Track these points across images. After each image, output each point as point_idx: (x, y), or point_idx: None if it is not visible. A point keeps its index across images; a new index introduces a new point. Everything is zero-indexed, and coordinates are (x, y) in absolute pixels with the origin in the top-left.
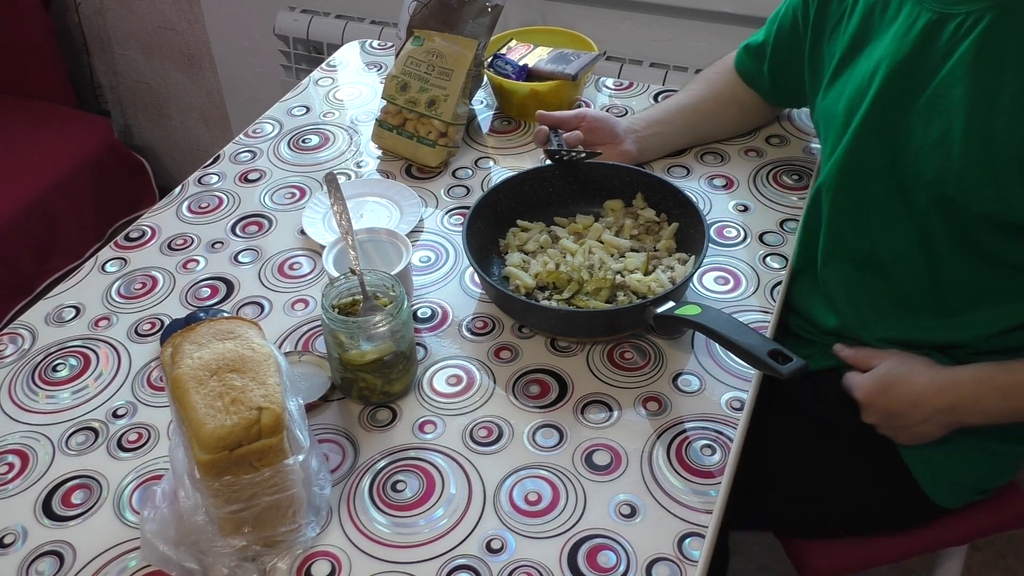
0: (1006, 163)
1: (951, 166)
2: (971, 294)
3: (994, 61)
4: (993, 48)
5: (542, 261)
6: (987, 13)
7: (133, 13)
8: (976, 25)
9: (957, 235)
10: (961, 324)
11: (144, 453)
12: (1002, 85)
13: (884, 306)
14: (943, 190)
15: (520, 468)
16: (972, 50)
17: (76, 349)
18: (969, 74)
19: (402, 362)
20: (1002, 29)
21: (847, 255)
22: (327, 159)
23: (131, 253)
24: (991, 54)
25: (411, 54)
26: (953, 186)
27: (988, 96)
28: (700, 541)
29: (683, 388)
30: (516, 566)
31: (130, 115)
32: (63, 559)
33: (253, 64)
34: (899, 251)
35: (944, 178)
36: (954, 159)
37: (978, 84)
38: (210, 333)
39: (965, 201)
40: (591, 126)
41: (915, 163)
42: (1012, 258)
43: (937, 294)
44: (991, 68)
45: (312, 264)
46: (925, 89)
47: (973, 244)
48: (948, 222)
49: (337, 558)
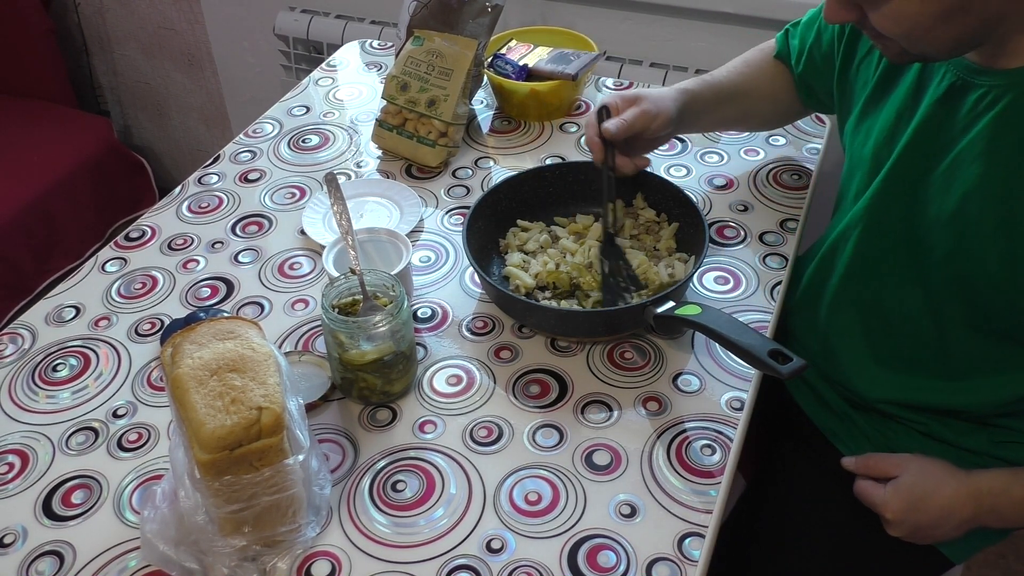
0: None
1: (965, 245)
2: (978, 363)
3: (1014, 144)
4: (1012, 130)
5: (542, 261)
6: (1008, 92)
7: (133, 13)
8: (997, 102)
9: (970, 312)
10: (966, 389)
11: (144, 453)
12: (1022, 170)
13: (888, 362)
14: (956, 268)
15: (520, 468)
16: (991, 128)
17: (76, 349)
18: (987, 153)
19: (402, 362)
20: (1021, 111)
21: (857, 307)
22: (327, 159)
23: (131, 253)
24: (1010, 136)
25: (411, 54)
26: (965, 265)
27: (1006, 180)
28: (700, 541)
29: (683, 388)
30: (516, 566)
31: (130, 115)
32: (63, 559)
33: (253, 64)
34: (908, 314)
35: (957, 256)
36: (969, 239)
37: (996, 165)
38: (210, 333)
39: (977, 281)
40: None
41: (930, 234)
42: (1021, 335)
43: (943, 359)
44: (1010, 150)
45: (312, 264)
46: (945, 158)
47: (984, 319)
48: (961, 299)
49: (337, 558)
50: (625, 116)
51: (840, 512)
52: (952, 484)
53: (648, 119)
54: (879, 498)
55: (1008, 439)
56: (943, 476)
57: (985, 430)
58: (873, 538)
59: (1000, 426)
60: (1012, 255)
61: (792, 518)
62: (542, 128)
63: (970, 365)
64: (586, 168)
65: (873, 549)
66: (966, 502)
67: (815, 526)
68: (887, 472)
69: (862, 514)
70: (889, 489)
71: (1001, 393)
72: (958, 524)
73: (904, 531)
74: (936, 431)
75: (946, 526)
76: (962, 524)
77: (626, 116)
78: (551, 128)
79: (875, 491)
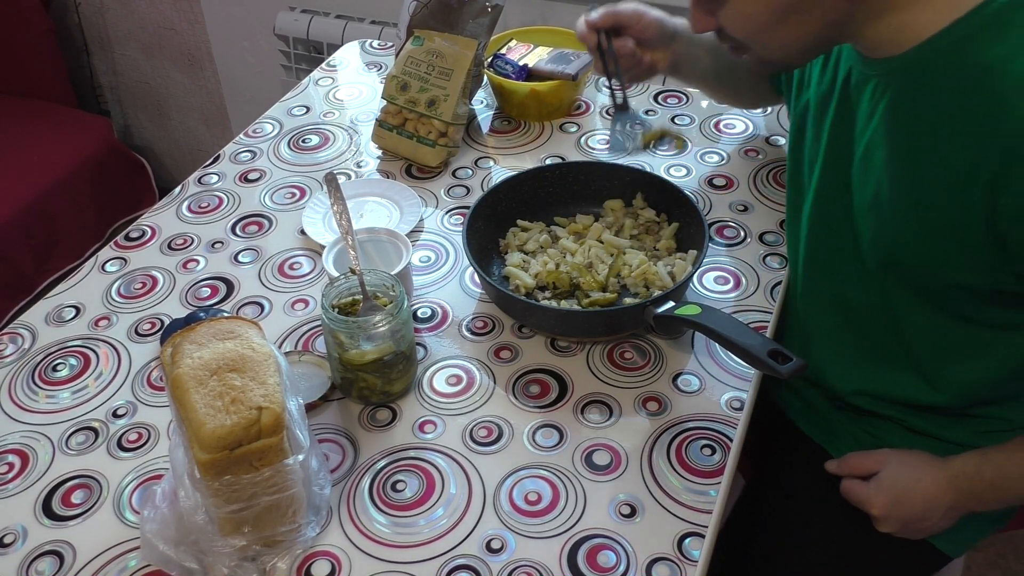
0: (936, 229)
1: (885, 228)
2: (939, 350)
3: (908, 127)
4: (904, 114)
5: (542, 261)
6: (893, 80)
7: (133, 13)
8: (887, 91)
9: (908, 291)
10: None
11: (144, 453)
12: (920, 151)
13: (859, 358)
14: (883, 250)
15: (520, 468)
16: (886, 117)
17: (76, 349)
18: (888, 139)
19: (402, 362)
20: (911, 93)
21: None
22: (327, 159)
23: (131, 253)
24: (905, 121)
25: (411, 54)
26: (890, 247)
27: (908, 162)
28: (700, 541)
29: (683, 388)
30: (516, 566)
31: (130, 115)
32: (63, 559)
33: (253, 64)
34: (869, 304)
35: (881, 238)
36: (885, 221)
37: (898, 149)
38: (210, 333)
39: (903, 261)
40: (643, 34)
41: (860, 222)
42: (969, 312)
43: (906, 348)
44: (907, 133)
45: (312, 264)
46: (859, 148)
47: (926, 299)
48: (897, 279)
49: (337, 558)
50: (616, 7)
51: (837, 512)
52: (931, 473)
53: (636, 16)
54: (864, 496)
55: (991, 428)
56: (922, 466)
57: (966, 422)
58: (870, 537)
59: (981, 416)
60: (923, 233)
61: (790, 519)
62: (542, 128)
63: (932, 353)
64: (586, 168)
65: (871, 548)
66: (946, 489)
67: (813, 527)
68: (868, 469)
69: (858, 514)
70: (871, 486)
71: (968, 380)
72: (944, 512)
73: (893, 526)
74: (919, 426)
75: (933, 516)
76: (948, 512)
77: (616, 7)
78: (551, 128)
79: (859, 489)
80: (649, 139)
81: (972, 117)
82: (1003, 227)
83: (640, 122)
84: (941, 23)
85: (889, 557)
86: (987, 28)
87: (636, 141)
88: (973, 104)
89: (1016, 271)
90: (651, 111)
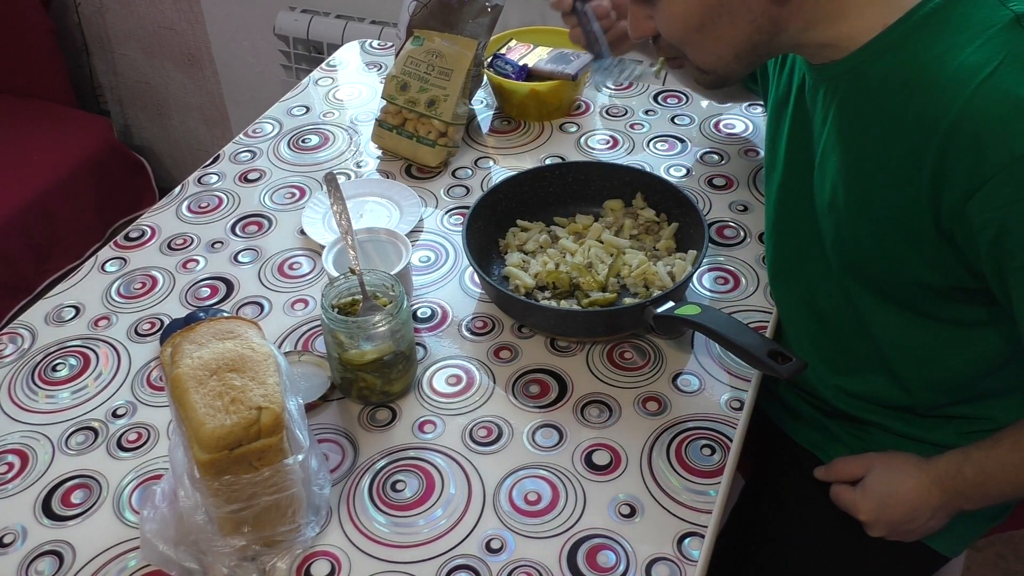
0: (889, 229)
1: (842, 229)
2: (908, 348)
3: (854, 130)
4: (851, 117)
5: (542, 261)
6: (840, 83)
7: (133, 13)
8: (836, 94)
9: (871, 291)
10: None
11: (144, 453)
12: (867, 153)
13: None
14: (842, 251)
15: (520, 468)
16: (837, 120)
17: (76, 349)
18: (839, 143)
19: (402, 362)
20: (856, 97)
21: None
22: (327, 159)
23: (131, 253)
24: (852, 122)
25: (411, 54)
26: (848, 248)
27: (858, 164)
28: (700, 541)
29: (683, 388)
30: (515, 566)
31: (130, 115)
32: (63, 559)
33: (253, 64)
34: (835, 306)
35: (840, 240)
36: (843, 223)
37: (849, 152)
38: (210, 333)
39: (861, 261)
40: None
41: (821, 225)
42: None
43: (875, 348)
44: (855, 136)
45: (312, 264)
46: (816, 153)
47: (888, 298)
48: (858, 280)
49: (337, 558)
50: None
51: (832, 516)
52: (915, 474)
53: None
54: (850, 501)
55: (974, 428)
56: (907, 468)
57: (950, 423)
58: (866, 540)
59: (961, 416)
60: (877, 232)
61: (786, 523)
62: (542, 128)
63: (901, 353)
64: (586, 168)
65: (868, 551)
66: (931, 489)
67: (809, 531)
68: (854, 474)
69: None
70: (858, 491)
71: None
72: (932, 513)
73: (882, 530)
74: (903, 430)
75: (922, 518)
76: (937, 512)
77: None
78: (551, 128)
79: (846, 495)
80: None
81: (911, 114)
82: (947, 224)
83: (619, 62)
84: (876, 29)
85: (886, 560)
86: (922, 27)
87: (621, 74)
88: (912, 101)
89: (969, 267)
90: (651, 111)
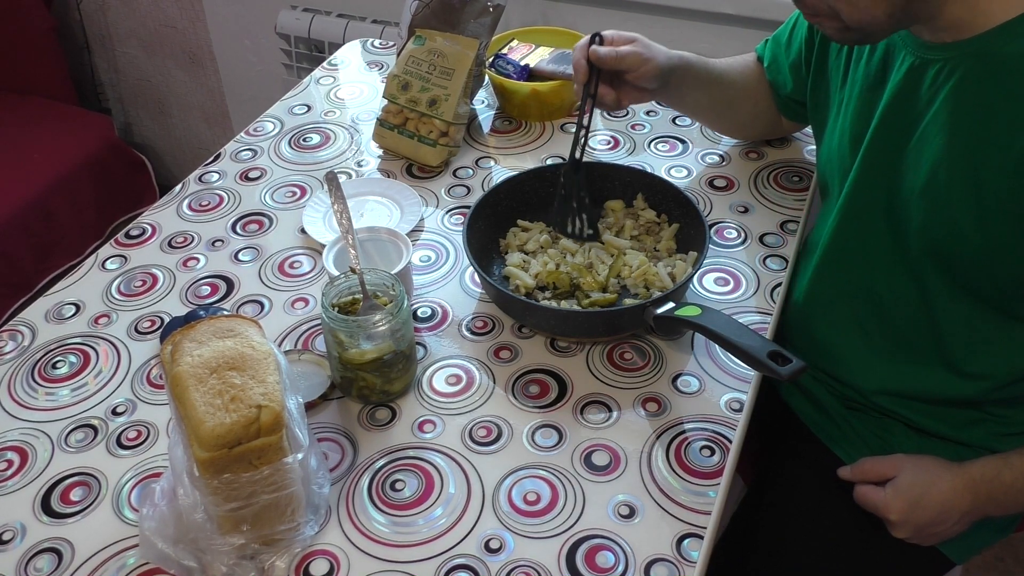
0: (997, 218)
1: (938, 214)
2: (970, 340)
3: (975, 112)
4: (972, 99)
5: (542, 261)
6: (961, 63)
7: (134, 10)
8: (952, 76)
9: (951, 282)
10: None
11: (143, 451)
12: (986, 136)
13: (886, 351)
14: (931, 237)
15: (519, 468)
16: (950, 101)
17: (76, 346)
18: (950, 124)
19: (402, 361)
20: (978, 81)
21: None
22: (328, 158)
23: (131, 251)
24: (971, 105)
25: (412, 53)
26: (940, 234)
27: (972, 147)
28: (699, 542)
29: (682, 389)
30: (515, 566)
31: (131, 113)
32: (62, 556)
33: (254, 62)
34: (898, 295)
35: (931, 225)
36: (940, 207)
37: (959, 135)
38: (210, 331)
39: (953, 249)
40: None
41: (906, 208)
42: (1007, 306)
43: (936, 339)
44: (972, 119)
45: (312, 263)
46: (914, 134)
47: (968, 291)
48: (941, 269)
49: (336, 557)
50: (619, 49)
51: (840, 517)
52: (947, 477)
53: (639, 60)
54: (880, 501)
55: (1007, 431)
56: (938, 470)
57: (984, 423)
58: (873, 542)
59: (998, 417)
60: (982, 219)
61: (791, 523)
62: (543, 128)
63: (963, 343)
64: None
65: (874, 553)
66: (963, 493)
67: (815, 531)
68: (883, 475)
69: (861, 519)
70: (889, 490)
71: (998, 371)
72: (959, 518)
73: (909, 531)
74: (933, 426)
75: (948, 521)
76: (963, 517)
77: (620, 49)
78: (552, 128)
79: (875, 495)
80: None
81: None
82: None
83: (586, 210)
84: (1018, 9)
85: (893, 562)
86: None
87: (585, 229)
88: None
89: None
90: (652, 112)
